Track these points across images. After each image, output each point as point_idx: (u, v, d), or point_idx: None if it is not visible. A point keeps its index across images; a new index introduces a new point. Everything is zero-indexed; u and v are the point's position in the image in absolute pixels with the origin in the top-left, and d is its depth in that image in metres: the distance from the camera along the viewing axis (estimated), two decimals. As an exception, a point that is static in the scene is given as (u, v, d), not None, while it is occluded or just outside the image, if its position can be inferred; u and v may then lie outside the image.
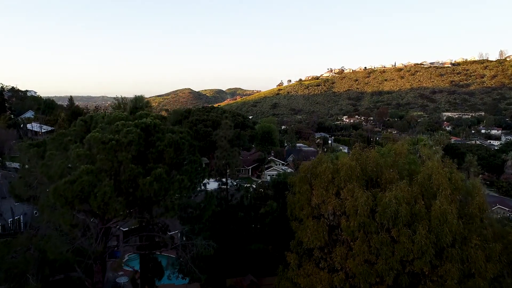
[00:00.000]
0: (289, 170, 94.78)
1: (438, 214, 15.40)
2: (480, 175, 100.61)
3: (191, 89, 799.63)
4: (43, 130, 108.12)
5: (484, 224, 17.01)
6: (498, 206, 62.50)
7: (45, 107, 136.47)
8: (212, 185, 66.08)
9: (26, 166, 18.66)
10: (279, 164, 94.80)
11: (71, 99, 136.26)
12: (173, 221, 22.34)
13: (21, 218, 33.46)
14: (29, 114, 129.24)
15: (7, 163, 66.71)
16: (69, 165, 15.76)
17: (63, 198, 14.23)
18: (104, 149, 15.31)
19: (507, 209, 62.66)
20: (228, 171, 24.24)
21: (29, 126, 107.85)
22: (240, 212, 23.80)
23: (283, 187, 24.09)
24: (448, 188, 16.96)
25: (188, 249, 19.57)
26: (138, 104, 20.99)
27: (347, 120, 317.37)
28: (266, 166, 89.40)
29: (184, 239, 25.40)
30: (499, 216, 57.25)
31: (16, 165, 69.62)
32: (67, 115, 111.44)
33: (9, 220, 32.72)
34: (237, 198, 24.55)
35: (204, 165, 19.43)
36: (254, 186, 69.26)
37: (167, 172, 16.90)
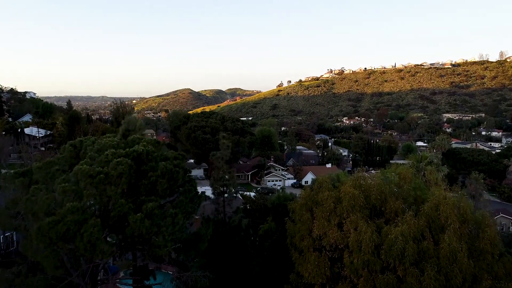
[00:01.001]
0: (288, 175, 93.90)
1: (447, 253, 14.49)
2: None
3: (191, 90, 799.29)
4: (40, 135, 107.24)
5: (495, 259, 16.08)
6: (501, 215, 61.59)
7: (43, 111, 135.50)
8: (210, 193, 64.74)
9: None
10: (279, 170, 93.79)
11: (69, 102, 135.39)
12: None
13: (14, 236, 32.45)
14: (27, 117, 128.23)
15: (3, 170, 65.53)
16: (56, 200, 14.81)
17: (47, 238, 13.30)
18: (91, 183, 14.38)
19: (510, 218, 61.79)
20: (226, 195, 23.29)
21: (26, 130, 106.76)
22: (238, 235, 22.86)
23: (282, 210, 23.17)
24: (457, 221, 16.07)
25: (183, 280, 18.68)
26: (130, 126, 19.99)
27: (347, 122, 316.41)
28: (265, 172, 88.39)
29: (180, 257, 24.54)
30: (502, 230, 56.27)
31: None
32: (65, 119, 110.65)
33: (0, 237, 31.76)
34: (235, 220, 23.61)
35: (199, 193, 18.51)
36: (253, 194, 68.40)
37: (160, 205, 16.00)
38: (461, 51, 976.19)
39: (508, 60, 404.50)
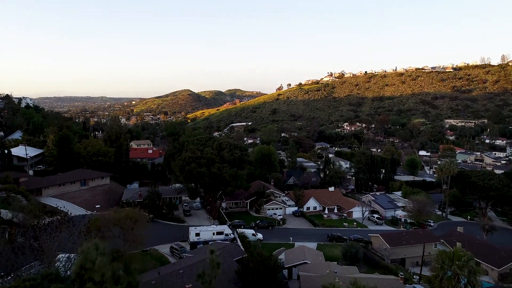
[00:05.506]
0: (289, 202, 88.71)
1: None
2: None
3: (191, 91, 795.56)
4: (30, 155, 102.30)
5: None
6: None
7: (34, 127, 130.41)
8: (204, 234, 59.23)
9: None
10: (279, 196, 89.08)
11: (61, 118, 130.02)
12: None
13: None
14: (17, 135, 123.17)
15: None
16: None
17: None
18: None
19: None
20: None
21: (14, 151, 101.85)
22: None
23: None
24: None
25: None
26: (88, 265, 15.05)
27: (348, 128, 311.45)
28: (265, 199, 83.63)
29: None
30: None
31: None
32: (56, 138, 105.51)
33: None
34: None
35: None
36: (252, 231, 63.26)
37: None
38: (463, 54, 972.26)
39: (510, 63, 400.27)
